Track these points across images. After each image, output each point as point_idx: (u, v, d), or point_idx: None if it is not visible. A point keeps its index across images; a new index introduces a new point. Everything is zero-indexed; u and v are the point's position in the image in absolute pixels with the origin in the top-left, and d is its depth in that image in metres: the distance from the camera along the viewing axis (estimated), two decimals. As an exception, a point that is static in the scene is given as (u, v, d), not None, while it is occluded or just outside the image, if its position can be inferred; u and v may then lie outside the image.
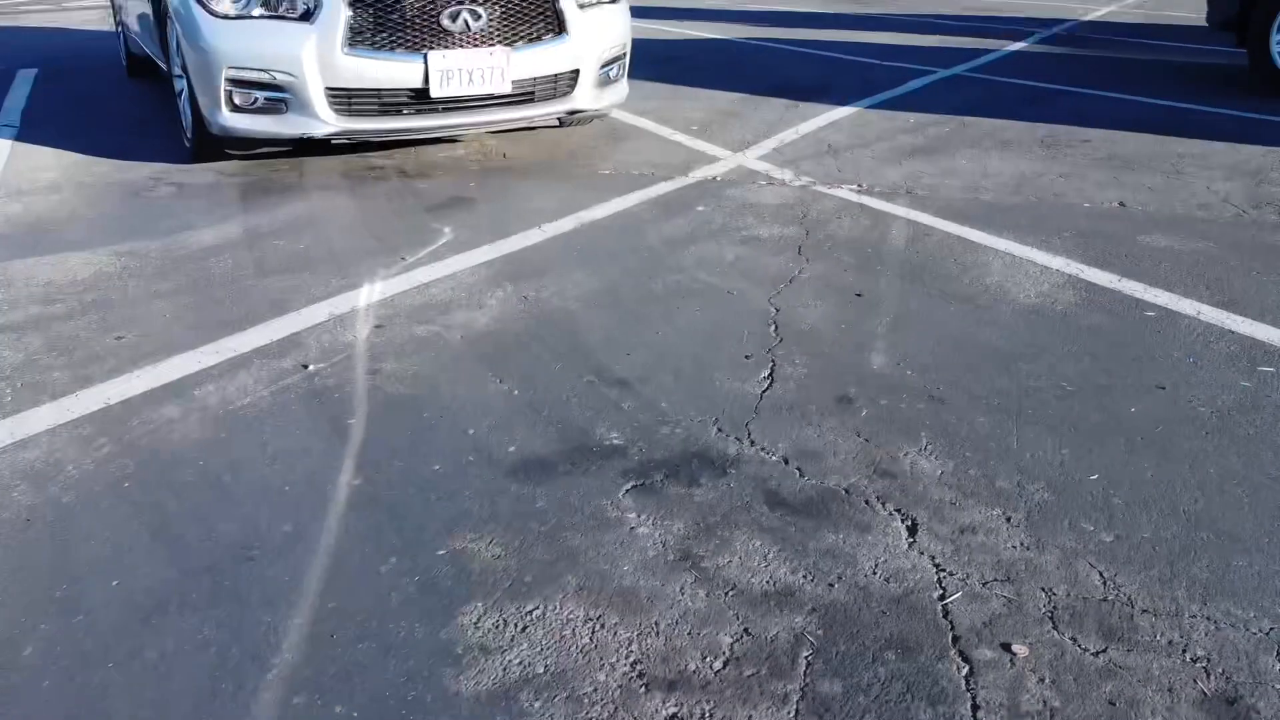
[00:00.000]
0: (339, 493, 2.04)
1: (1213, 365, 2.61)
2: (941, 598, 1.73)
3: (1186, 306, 2.98)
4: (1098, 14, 11.46)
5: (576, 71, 4.46)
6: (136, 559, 1.83)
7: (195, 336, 2.78)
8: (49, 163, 4.61)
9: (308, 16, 3.94)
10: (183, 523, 1.94)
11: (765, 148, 4.88)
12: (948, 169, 4.49)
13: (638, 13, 5.71)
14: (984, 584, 1.76)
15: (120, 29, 6.82)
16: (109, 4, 7.43)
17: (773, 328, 2.83)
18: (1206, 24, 6.34)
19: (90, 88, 6.45)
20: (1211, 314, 2.92)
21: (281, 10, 3.95)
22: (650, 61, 7.25)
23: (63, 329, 2.83)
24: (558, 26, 4.34)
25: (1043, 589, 1.74)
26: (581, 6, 4.43)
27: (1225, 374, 2.56)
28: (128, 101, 6.03)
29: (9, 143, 4.99)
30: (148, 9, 4.85)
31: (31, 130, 5.26)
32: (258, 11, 3.97)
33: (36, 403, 2.42)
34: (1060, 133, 5.14)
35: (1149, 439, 2.24)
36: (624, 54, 4.81)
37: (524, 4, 4.23)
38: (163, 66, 5.00)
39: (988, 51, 8.06)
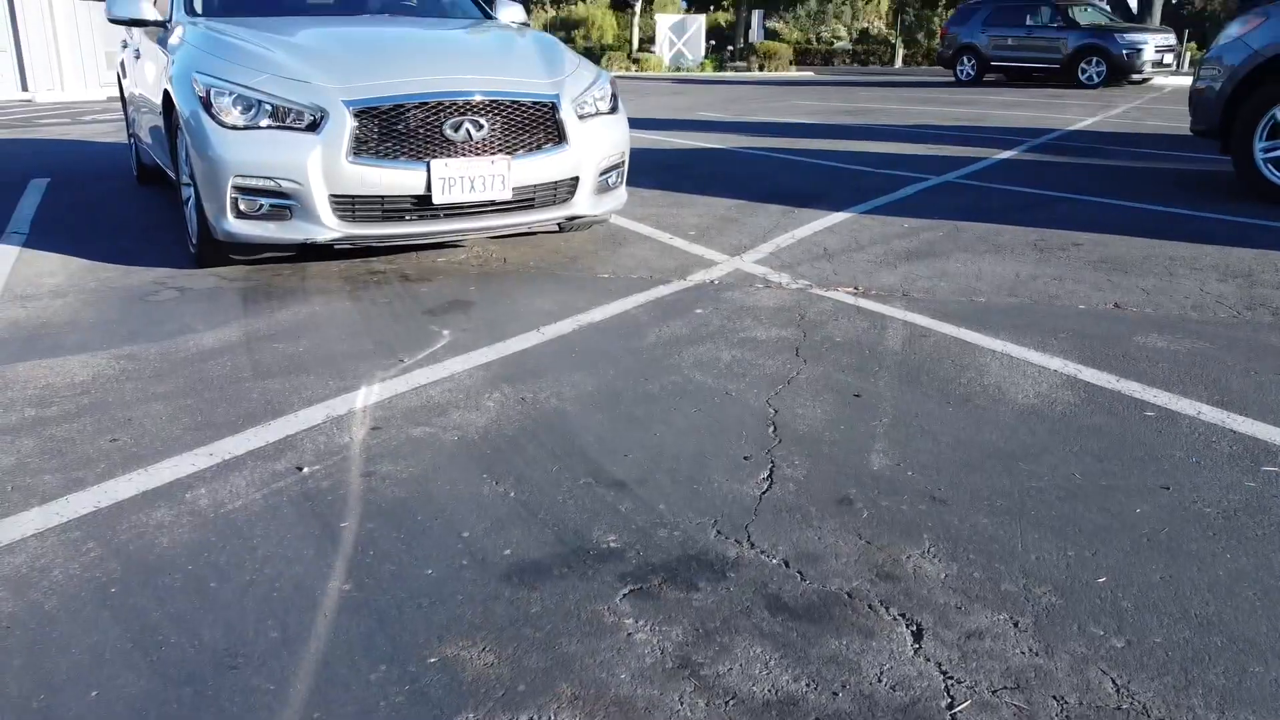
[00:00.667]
0: (329, 598, 1.99)
1: (1216, 465, 2.58)
2: (950, 706, 1.66)
3: (1186, 406, 2.97)
4: (1084, 124, 11.80)
5: (576, 179, 4.56)
6: (117, 668, 1.77)
7: (190, 439, 2.76)
8: (55, 268, 4.67)
9: (314, 127, 4.04)
10: (166, 630, 1.89)
11: (762, 252, 4.95)
12: (942, 272, 4.55)
13: (637, 125, 5.86)
14: (993, 692, 1.70)
15: (133, 140, 7.01)
16: (123, 116, 7.64)
17: (771, 429, 2.81)
18: (1190, 132, 6.51)
19: (100, 195, 6.58)
20: (1212, 414, 2.91)
21: (289, 121, 4.06)
22: (648, 169, 7.43)
23: (57, 432, 2.82)
24: (558, 135, 4.45)
25: (1054, 697, 1.68)
26: (581, 116, 4.56)
27: (1229, 474, 2.53)
28: (136, 208, 6.14)
29: (17, 249, 5.07)
30: (159, 121, 4.99)
31: (40, 237, 5.35)
32: (265, 122, 4.07)
33: (26, 506, 2.38)
34: (1052, 236, 5.22)
35: (1155, 540, 2.20)
36: (622, 161, 4.92)
37: (525, 114, 4.35)
38: (171, 175, 5.11)
39: (978, 160, 8.26)
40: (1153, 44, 20.54)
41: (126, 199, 6.49)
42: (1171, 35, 21.10)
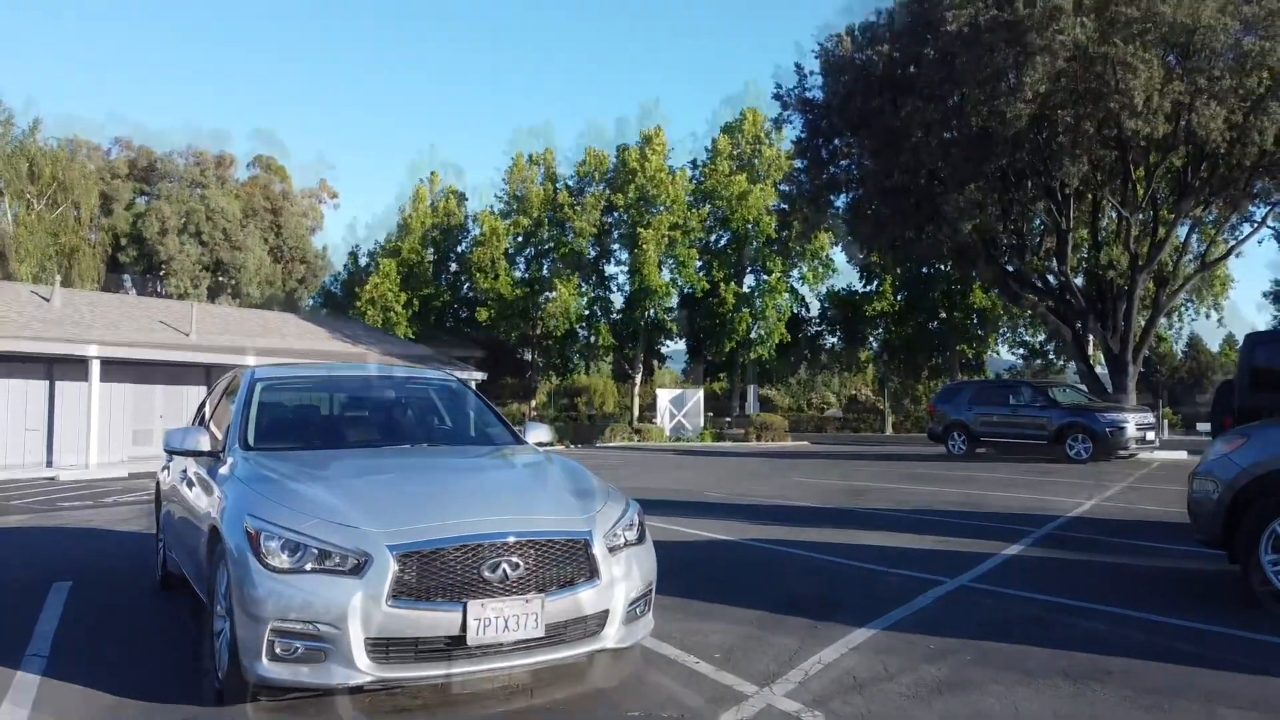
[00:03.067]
0: None
1: None
2: None
3: None
4: (1082, 509, 12.10)
5: (606, 611, 4.62)
6: None
7: None
8: (76, 706, 4.59)
9: (358, 570, 4.18)
10: None
11: (792, 681, 4.90)
12: (980, 710, 4.47)
13: (645, 507, 6.03)
14: None
15: (161, 544, 7.11)
16: (153, 515, 7.82)
17: None
18: (1195, 541, 6.69)
19: (124, 604, 6.61)
20: None
21: (333, 565, 4.21)
22: (665, 569, 7.50)
23: None
24: (590, 572, 4.58)
25: None
26: (611, 549, 4.71)
27: None
28: (162, 621, 6.15)
29: (37, 678, 5.01)
30: (200, 544, 5.13)
31: (61, 662, 5.31)
32: (310, 565, 4.22)
33: None
34: (1080, 662, 5.19)
35: None
36: (649, 590, 5.01)
37: (559, 553, 4.51)
38: (203, 597, 5.17)
39: (986, 556, 8.39)
40: (1134, 422, 21.59)
41: (150, 610, 6.51)
42: (1150, 414, 22.26)
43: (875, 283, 48.99)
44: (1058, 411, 22.34)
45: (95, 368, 20.45)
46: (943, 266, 42.57)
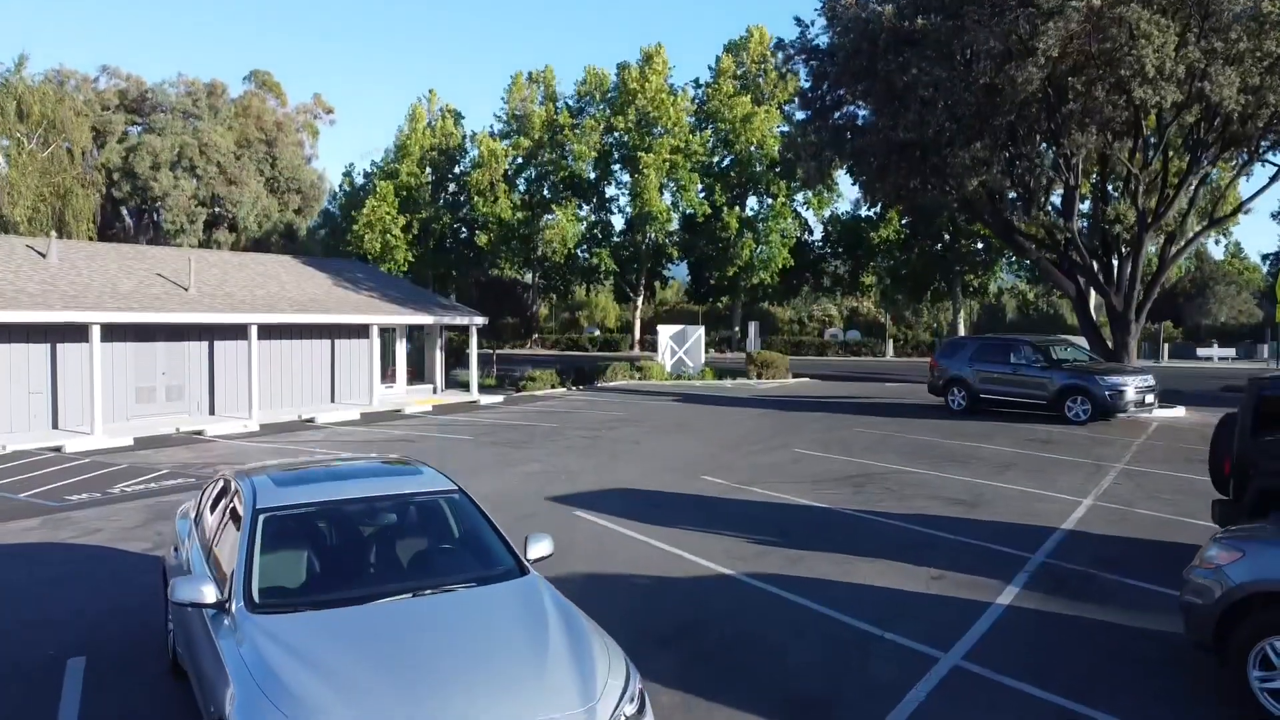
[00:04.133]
0: None
1: None
2: None
3: None
4: (1079, 513, 12.24)
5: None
6: None
7: None
8: None
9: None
10: None
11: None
12: None
13: (633, 510, 6.05)
14: None
15: (171, 632, 6.98)
16: (159, 520, 7.80)
17: None
18: (1187, 639, 6.78)
19: (144, 690, 6.74)
20: None
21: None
22: (661, 640, 7.69)
23: None
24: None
25: None
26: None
27: None
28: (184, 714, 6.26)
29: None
30: (206, 707, 5.08)
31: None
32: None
33: None
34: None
35: None
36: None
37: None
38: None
39: (982, 608, 8.53)
40: (1133, 385, 21.65)
41: (168, 697, 6.61)
42: (1150, 377, 22.29)
43: (880, 208, 48.35)
44: (1059, 373, 22.41)
45: (96, 332, 20.41)
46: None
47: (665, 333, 38.76)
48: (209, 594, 5.26)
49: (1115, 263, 24.23)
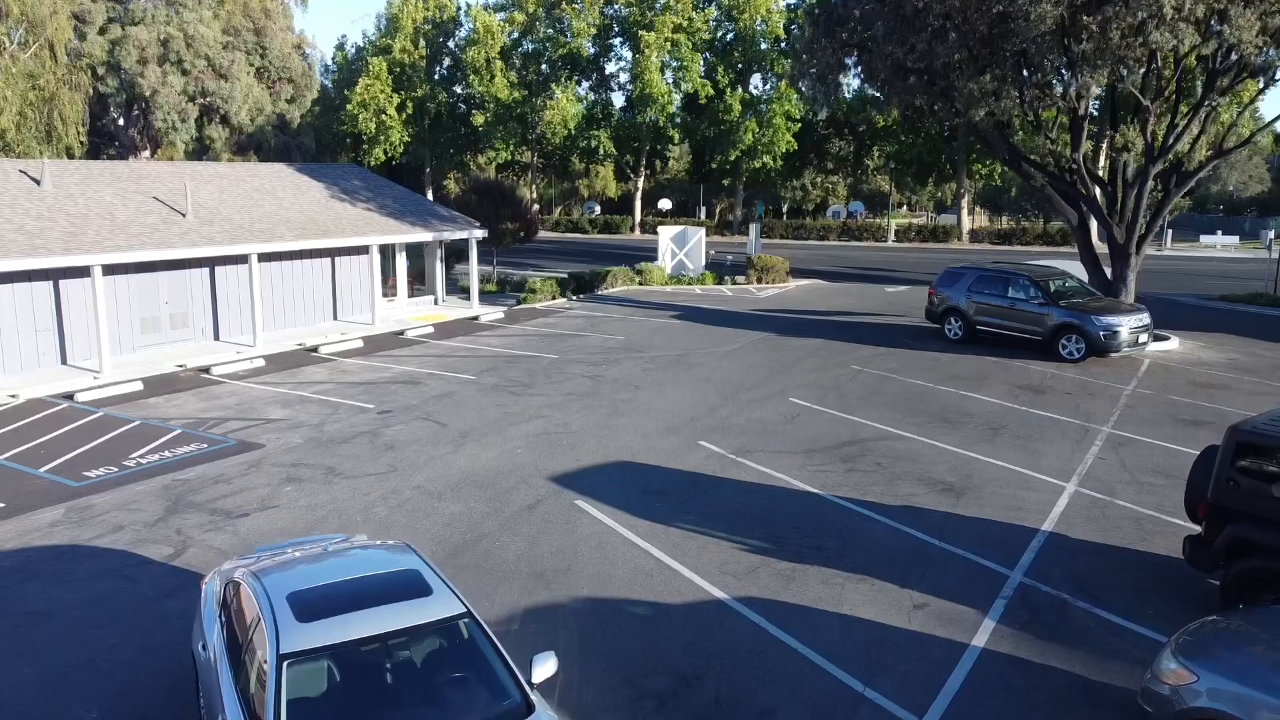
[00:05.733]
0: None
1: None
2: None
3: None
4: (1056, 513, 12.70)
5: None
6: None
7: None
8: None
9: None
10: None
11: None
12: None
13: (616, 492, 6.39)
14: None
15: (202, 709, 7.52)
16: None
17: None
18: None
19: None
20: None
21: None
22: (656, 709, 8.26)
23: None
24: None
25: None
26: None
27: None
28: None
29: None
30: None
31: None
32: None
33: None
34: None
35: None
36: None
37: None
38: None
39: (958, 651, 9.10)
40: (1128, 325, 21.90)
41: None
42: (1146, 315, 22.49)
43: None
44: (1056, 310, 22.62)
45: (98, 271, 20.49)
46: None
47: (666, 234, 38.58)
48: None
49: (1119, 193, 23.98)
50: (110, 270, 21.65)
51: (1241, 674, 6.51)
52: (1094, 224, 24.45)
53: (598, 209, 79.23)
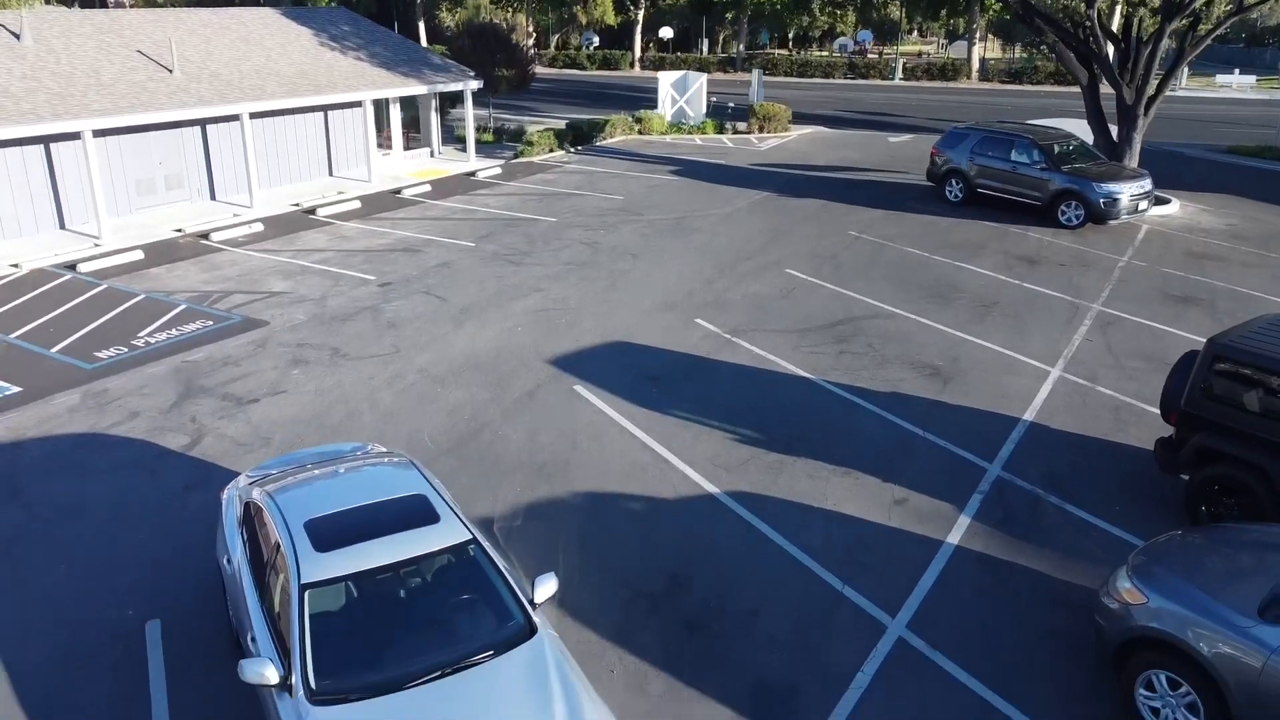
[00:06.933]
0: None
1: None
2: None
3: None
4: (1038, 402, 13.12)
5: None
6: None
7: None
8: None
9: None
10: None
11: None
12: None
13: (608, 378, 6.92)
14: None
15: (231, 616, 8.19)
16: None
17: None
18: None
19: (222, 650, 8.01)
20: None
21: None
22: (648, 608, 8.90)
23: None
24: None
25: None
26: None
27: None
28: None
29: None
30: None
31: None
32: None
33: None
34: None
35: None
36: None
37: None
38: None
39: (934, 548, 9.73)
40: (1128, 192, 21.79)
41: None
42: (1148, 180, 22.31)
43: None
44: (1057, 175, 22.44)
45: (89, 136, 20.23)
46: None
47: (666, 80, 37.55)
48: (272, 676, 6.33)
49: (1131, 52, 23.29)
50: (101, 133, 21.34)
51: (1189, 600, 7.03)
52: (1104, 85, 23.80)
53: (596, 39, 76.28)
